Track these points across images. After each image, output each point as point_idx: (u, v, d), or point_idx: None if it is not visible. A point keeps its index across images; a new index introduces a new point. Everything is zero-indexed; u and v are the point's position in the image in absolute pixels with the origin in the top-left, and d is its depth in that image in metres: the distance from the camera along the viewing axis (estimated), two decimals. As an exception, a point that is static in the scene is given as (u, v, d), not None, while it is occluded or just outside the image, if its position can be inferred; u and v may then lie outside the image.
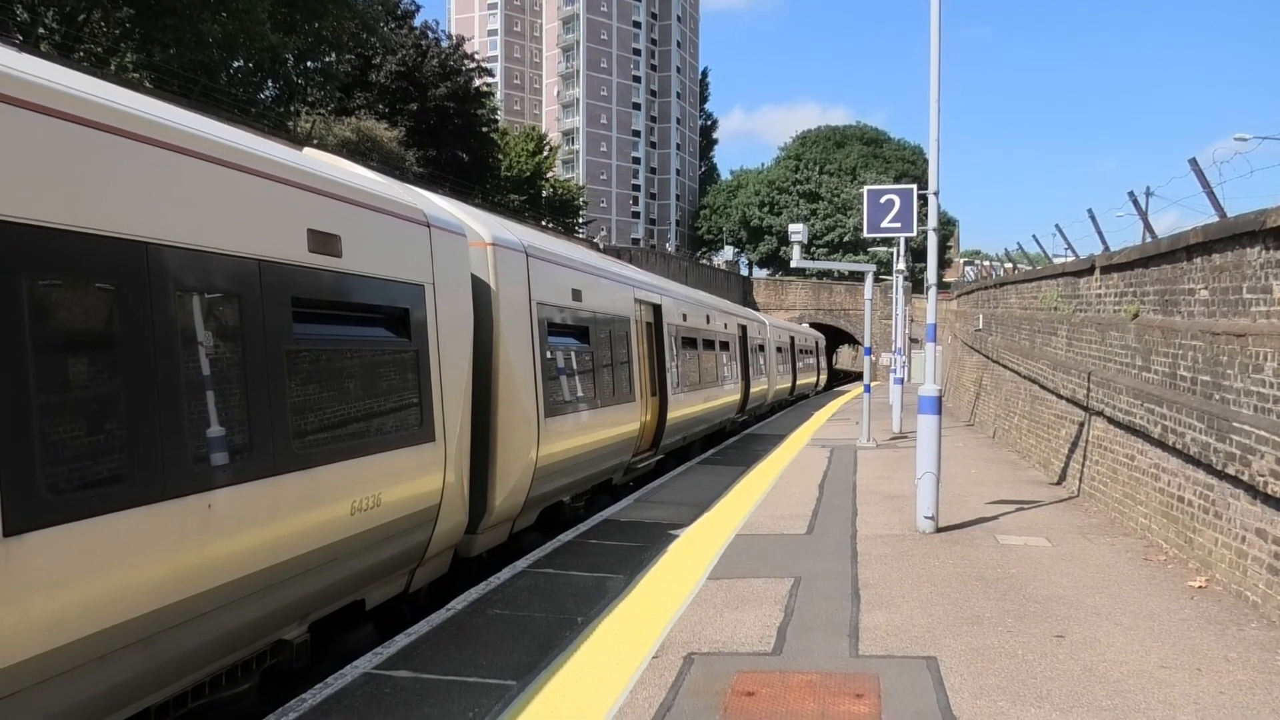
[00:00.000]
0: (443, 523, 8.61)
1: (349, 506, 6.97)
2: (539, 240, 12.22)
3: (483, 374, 9.69)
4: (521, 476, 10.45)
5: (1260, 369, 8.12)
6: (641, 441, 16.37)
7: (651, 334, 17.55)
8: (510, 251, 10.52)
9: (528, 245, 11.10)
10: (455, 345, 8.85)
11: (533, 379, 10.73)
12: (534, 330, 10.90)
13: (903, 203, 13.67)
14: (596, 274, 14.14)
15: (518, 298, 10.58)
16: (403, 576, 8.49)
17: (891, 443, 22.51)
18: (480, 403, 9.61)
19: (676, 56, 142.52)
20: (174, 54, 36.13)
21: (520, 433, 10.35)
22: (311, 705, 6.07)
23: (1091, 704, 6.00)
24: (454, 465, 8.66)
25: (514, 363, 10.22)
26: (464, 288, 9.24)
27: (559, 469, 11.65)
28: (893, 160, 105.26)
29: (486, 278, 9.94)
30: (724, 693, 6.23)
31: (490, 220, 10.94)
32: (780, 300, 79.85)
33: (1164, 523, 10.37)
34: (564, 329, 12.30)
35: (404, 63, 54.05)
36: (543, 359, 11.08)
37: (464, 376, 9.01)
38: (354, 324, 7.41)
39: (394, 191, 8.49)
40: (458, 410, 8.78)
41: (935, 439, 11.31)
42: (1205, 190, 9.96)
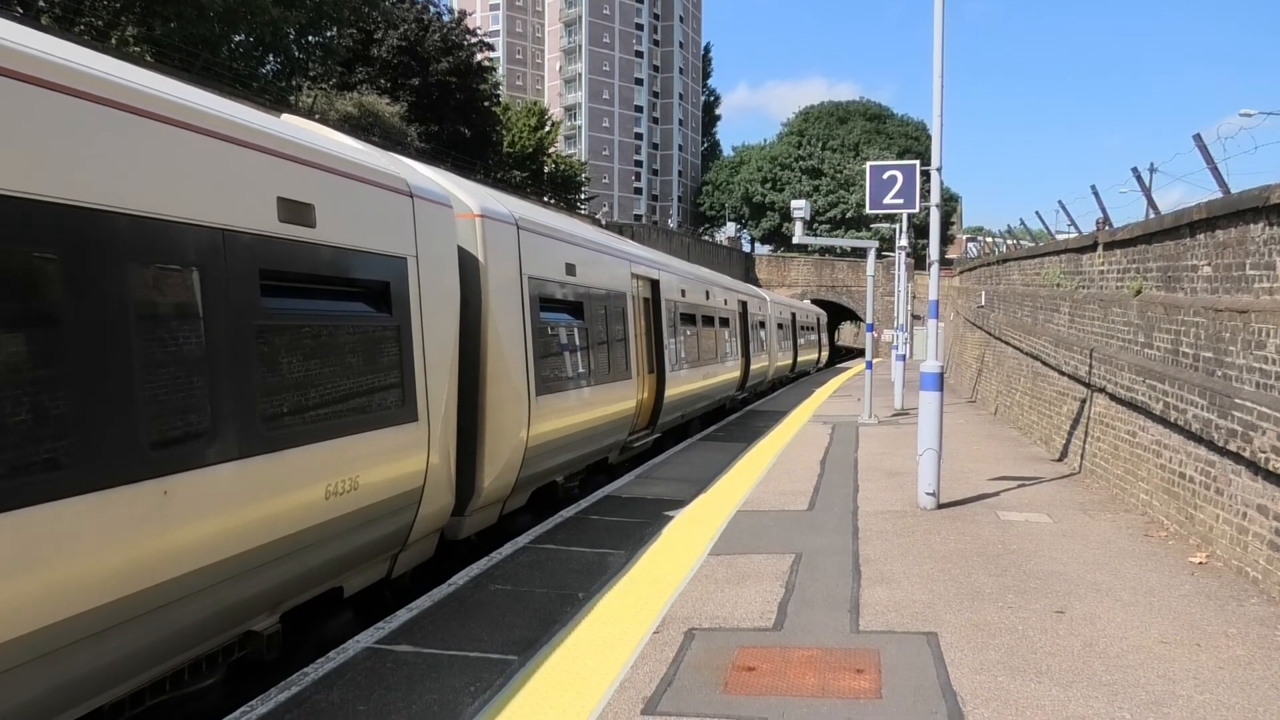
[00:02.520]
0: (426, 505, 8.28)
1: (323, 490, 6.62)
2: (531, 212, 11.79)
3: (470, 351, 9.37)
4: (511, 456, 10.10)
5: (1262, 345, 8.10)
6: (638, 420, 16.05)
7: (649, 310, 17.20)
8: (500, 224, 10.17)
9: (518, 217, 10.75)
10: (440, 321, 8.47)
11: (523, 356, 10.37)
12: (525, 305, 10.54)
13: (905, 179, 13.64)
14: (591, 248, 13.75)
15: (508, 272, 10.23)
16: (384, 562, 8.18)
17: (893, 419, 22.51)
18: (467, 380, 9.31)
19: (679, 32, 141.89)
20: (175, 28, 36.01)
21: (510, 411, 10.01)
22: (314, 679, 6.10)
23: (1091, 679, 6.02)
24: (438, 446, 8.32)
25: (503, 339, 9.87)
26: (450, 261, 8.86)
27: (552, 448, 11.33)
28: (896, 136, 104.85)
29: (474, 250, 9.60)
30: (725, 668, 6.25)
31: (479, 191, 10.57)
32: (782, 277, 79.72)
33: (1165, 499, 10.38)
34: (557, 304, 11.87)
35: (406, 37, 53.84)
36: (534, 335, 10.70)
37: (449, 353, 8.66)
38: (329, 298, 7.03)
39: (375, 160, 8.09)
40: (443, 389, 8.44)
41: (937, 416, 11.31)
42: (1209, 166, 9.91)
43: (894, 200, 13.80)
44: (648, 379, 16.59)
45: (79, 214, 4.76)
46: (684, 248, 66.97)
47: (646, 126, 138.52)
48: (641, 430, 16.60)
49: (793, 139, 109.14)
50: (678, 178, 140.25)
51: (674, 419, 19.22)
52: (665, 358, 17.68)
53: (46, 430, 4.54)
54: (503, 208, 10.50)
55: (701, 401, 22.12)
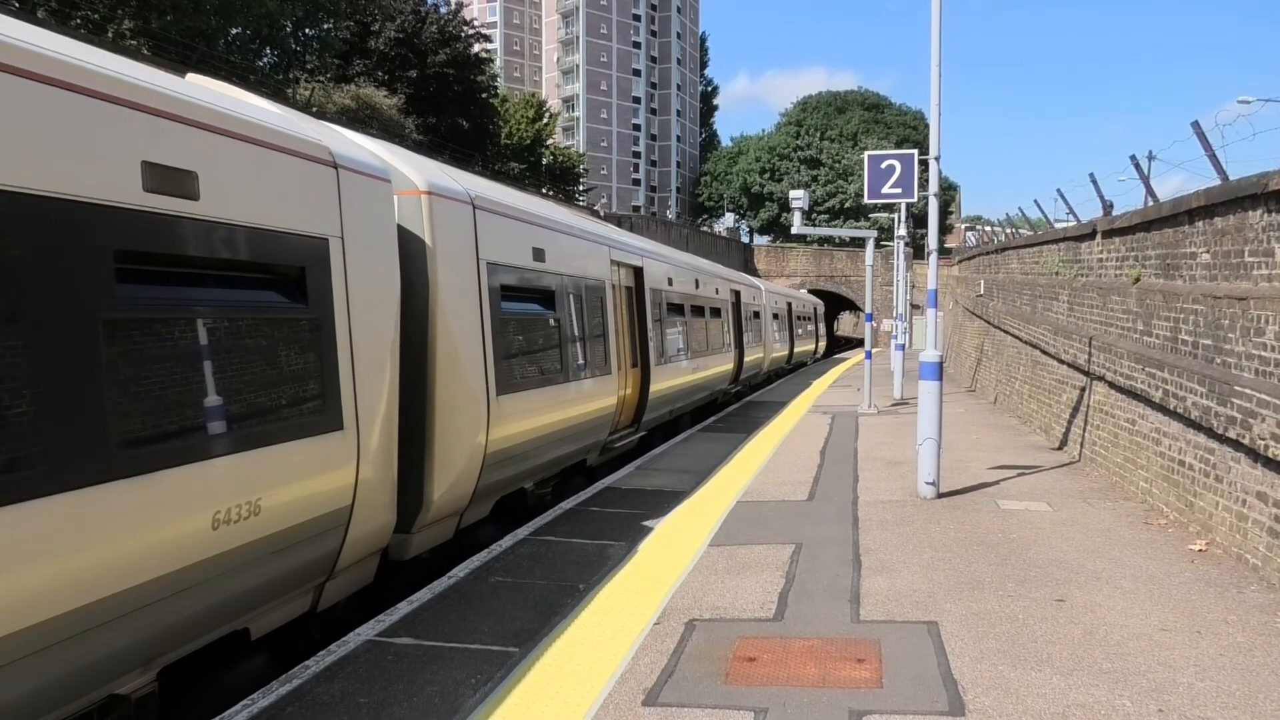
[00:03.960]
0: (358, 526, 7.20)
1: (208, 519, 5.51)
2: (490, 191, 10.68)
3: (415, 347, 8.39)
4: (468, 464, 9.13)
5: (1262, 332, 8.09)
6: (620, 418, 15.06)
7: (632, 299, 16.22)
8: (451, 202, 9.12)
9: (475, 196, 9.67)
10: (374, 313, 7.41)
11: (481, 351, 9.34)
12: (483, 294, 9.49)
13: (904, 168, 13.62)
14: (563, 231, 12.55)
15: (462, 256, 9.21)
16: (306, 593, 7.08)
17: (893, 409, 22.52)
18: (413, 380, 8.34)
19: (677, 22, 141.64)
20: (171, 21, 35.92)
21: (465, 414, 9.01)
22: (315, 672, 6.10)
23: (1092, 667, 6.03)
24: (372, 456, 7.25)
25: (456, 333, 8.86)
26: (387, 243, 7.79)
27: (517, 453, 10.33)
28: (894, 126, 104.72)
29: (420, 232, 8.54)
30: (726, 658, 6.26)
31: (426, 166, 9.49)
32: (781, 267, 79.68)
33: (1165, 487, 10.38)
34: (523, 293, 10.89)
35: (403, 29, 53.73)
36: (494, 328, 9.67)
37: (387, 350, 7.60)
38: (218, 286, 5.87)
39: (290, 124, 6.90)
40: (378, 391, 7.39)
41: (936, 405, 11.31)
42: (1208, 153, 9.90)
43: (892, 190, 13.78)
44: (631, 374, 15.66)
45: None
46: (683, 239, 66.97)
47: (644, 118, 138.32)
48: (624, 429, 15.67)
49: (791, 129, 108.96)
50: (676, 169, 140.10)
51: (661, 415, 18.36)
52: (650, 350, 16.69)
53: None
54: (455, 185, 9.45)
55: (691, 396, 21.19)
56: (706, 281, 23.43)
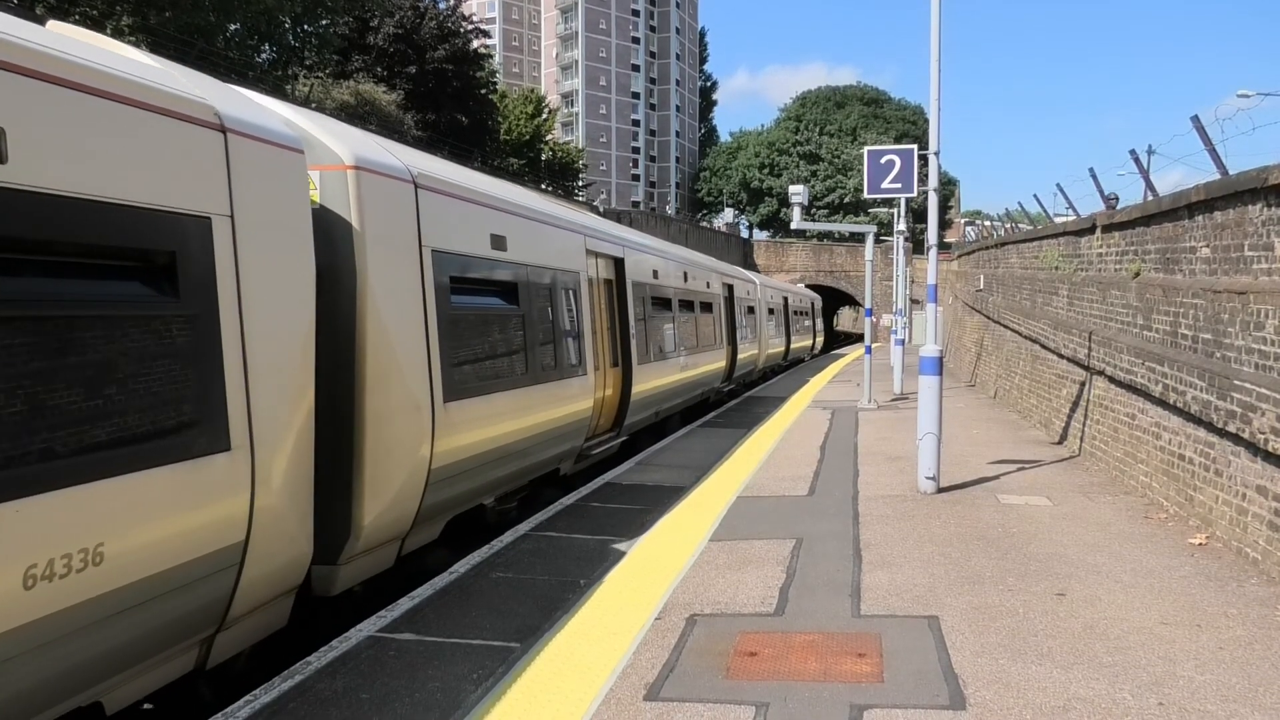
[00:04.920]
0: (257, 564, 6.04)
1: (17, 577, 4.30)
2: (440, 169, 9.54)
3: (341, 348, 7.28)
4: (408, 482, 7.99)
5: (1261, 326, 8.10)
6: (599, 422, 14.01)
7: (612, 293, 15.14)
8: (387, 180, 7.96)
9: (419, 174, 8.53)
10: (278, 308, 6.22)
11: (424, 352, 8.23)
12: (427, 287, 8.37)
13: (903, 163, 13.62)
14: (529, 217, 11.31)
15: (400, 243, 8.09)
16: (188, 650, 5.87)
17: (893, 404, 22.53)
18: (337, 387, 7.21)
19: (676, 17, 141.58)
20: (169, 17, 35.88)
21: (404, 424, 7.90)
22: (317, 668, 6.12)
23: (1092, 661, 6.04)
24: (275, 480, 6.06)
25: (392, 331, 7.74)
26: (298, 225, 6.56)
27: (472, 467, 9.23)
28: (893, 121, 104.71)
29: (346, 214, 7.40)
30: (727, 653, 6.27)
31: (356, 137, 8.34)
32: (781, 262, 79.59)
33: (1165, 481, 10.39)
34: (478, 286, 9.75)
35: (401, 25, 53.62)
36: (442, 326, 8.58)
37: (296, 353, 6.41)
38: (38, 275, 4.69)
39: (162, 77, 5.60)
40: (283, 401, 6.22)
41: (936, 400, 11.32)
42: (1207, 147, 9.90)
43: (892, 185, 13.79)
44: (610, 374, 14.52)
45: None
46: (682, 234, 66.90)
47: (644, 113, 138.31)
48: (603, 434, 14.53)
49: (790, 124, 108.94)
50: (675, 164, 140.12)
51: (645, 418, 17.07)
52: (633, 348, 15.50)
53: None
54: (393, 160, 8.34)
55: (680, 396, 19.98)
56: (696, 274, 22.41)
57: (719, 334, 24.55)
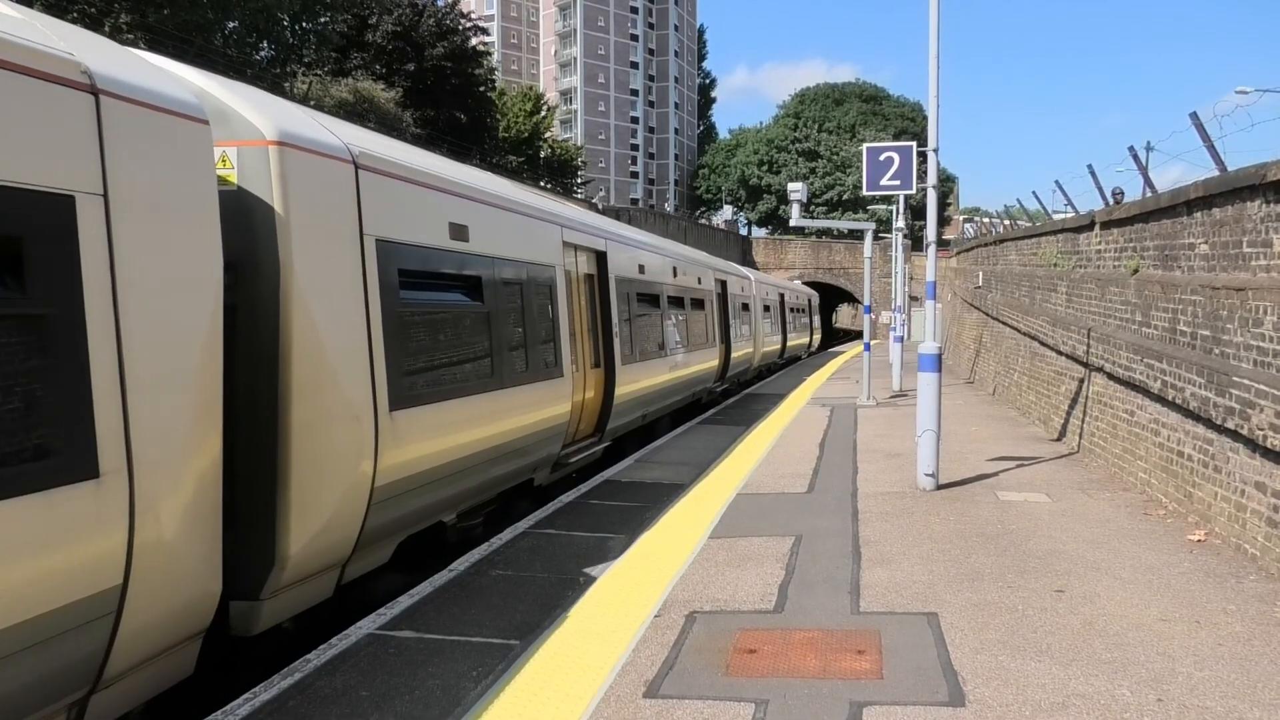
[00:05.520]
0: (141, 611, 5.06)
1: None
2: (388, 149, 8.58)
3: (260, 351, 6.40)
4: (345, 501, 7.10)
5: (1260, 323, 8.11)
6: (578, 426, 13.15)
7: (593, 289, 14.28)
8: (319, 159, 7.02)
9: (360, 153, 7.58)
10: (170, 306, 5.25)
11: (365, 355, 7.34)
12: (370, 282, 7.49)
13: (902, 160, 13.61)
14: (496, 205, 10.36)
15: (335, 231, 7.15)
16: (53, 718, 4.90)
17: (892, 401, 22.54)
18: (255, 396, 6.37)
19: (674, 14, 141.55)
20: (168, 15, 35.87)
21: (339, 436, 7.00)
22: (316, 665, 6.12)
23: (1091, 657, 6.05)
24: (164, 509, 5.12)
25: (324, 331, 6.84)
26: (200, 209, 5.59)
27: (426, 481, 8.36)
28: (892, 117, 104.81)
29: (268, 197, 6.48)
30: (726, 650, 6.28)
31: (282, 108, 7.33)
32: (780, 259, 79.58)
33: (1163, 477, 10.40)
34: (435, 281, 8.86)
35: (400, 22, 53.62)
36: (390, 325, 7.71)
37: (194, 358, 5.45)
38: None
39: (16, 26, 4.63)
40: (176, 414, 5.26)
41: (935, 397, 11.32)
42: (1206, 144, 9.90)
43: (891, 182, 13.78)
44: (591, 375, 13.66)
45: None
46: (680, 231, 66.81)
47: (642, 110, 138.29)
48: (584, 439, 13.60)
49: (789, 121, 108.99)
50: (674, 161, 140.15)
51: (631, 421, 16.15)
52: (616, 348, 14.59)
53: None
54: (329, 137, 7.36)
55: (669, 398, 19.04)
56: (687, 269, 21.49)
57: (711, 332, 23.68)
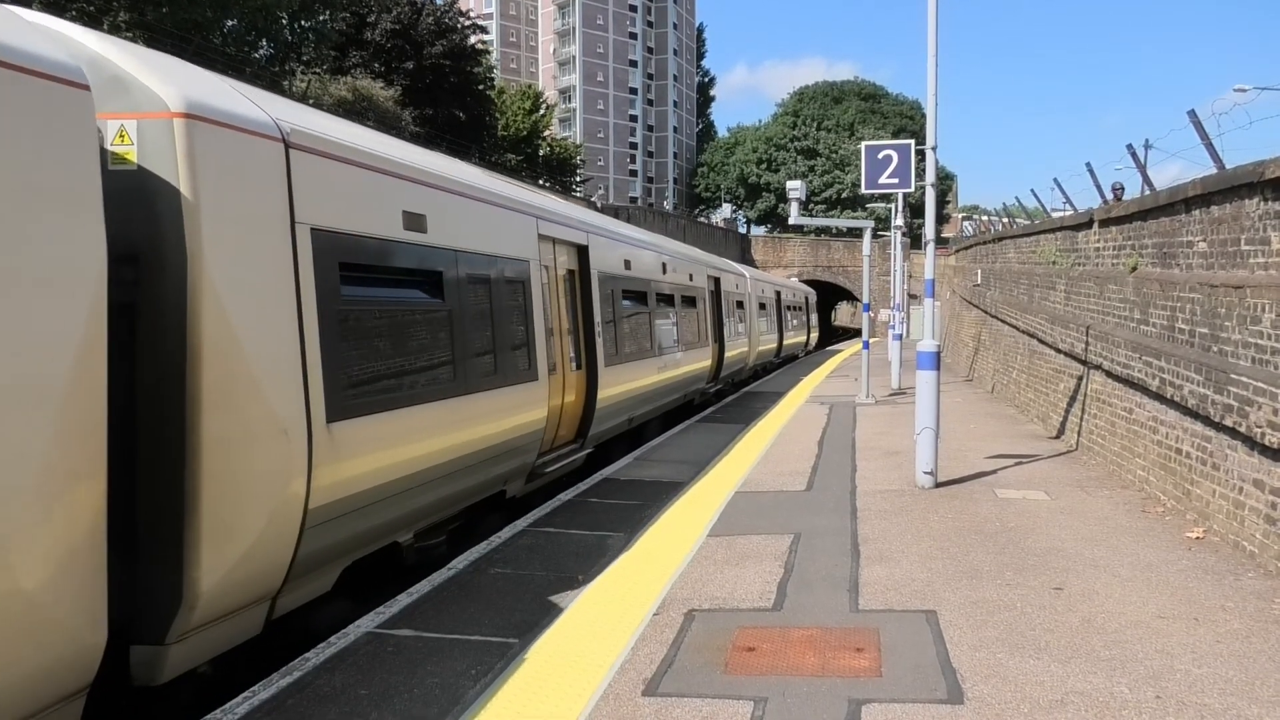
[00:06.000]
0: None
1: None
2: (328, 126, 7.66)
3: (164, 355, 5.55)
4: (272, 526, 6.27)
5: (1258, 320, 8.11)
6: (557, 432, 12.25)
7: (574, 286, 13.41)
8: (239, 135, 6.15)
9: (292, 130, 6.71)
10: (25, 305, 4.46)
11: (297, 361, 6.50)
12: (304, 276, 6.63)
13: (900, 158, 13.63)
14: (460, 193, 9.44)
15: (259, 218, 6.29)
16: None
17: (890, 399, 22.54)
18: (161, 407, 5.55)
19: (673, 12, 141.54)
20: (167, 13, 35.86)
21: (262, 453, 6.17)
22: (315, 664, 6.12)
23: (1090, 654, 6.05)
24: (14, 551, 4.37)
25: (242, 333, 5.98)
26: (73, 190, 4.76)
27: (374, 500, 7.48)
28: (891, 115, 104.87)
29: (173, 178, 5.63)
30: (725, 648, 6.28)
31: (196, 76, 6.44)
32: (779, 257, 79.63)
33: (1162, 475, 10.41)
34: (385, 275, 8.00)
35: (399, 20, 53.64)
36: (328, 326, 6.87)
37: (63, 365, 4.62)
38: None
39: None
40: (33, 434, 4.47)
41: (934, 394, 11.32)
42: (1204, 142, 9.91)
43: (889, 180, 13.81)
44: (571, 377, 12.74)
45: None
46: (680, 229, 66.88)
47: (641, 109, 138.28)
48: (564, 446, 12.76)
49: (787, 119, 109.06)
50: (673, 160, 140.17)
51: (616, 426, 15.25)
52: (599, 348, 13.71)
53: None
54: (253, 110, 6.48)
55: (657, 401, 18.07)
56: (678, 266, 20.50)
57: (704, 331, 22.80)
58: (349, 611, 7.50)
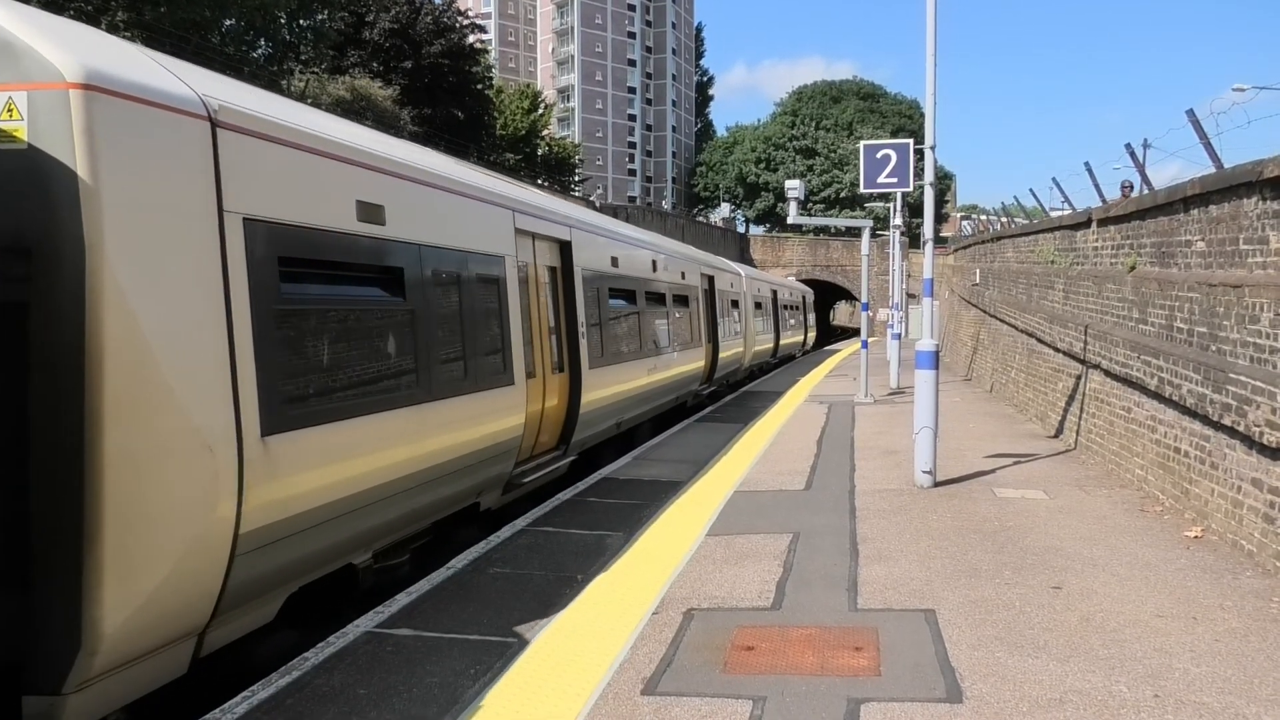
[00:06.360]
0: None
1: None
2: (265, 105, 6.76)
3: (58, 360, 4.88)
4: (194, 554, 5.51)
5: (1257, 320, 8.11)
6: (537, 439, 11.50)
7: (556, 284, 12.63)
8: (152, 111, 5.38)
9: (220, 108, 5.91)
10: None
11: (225, 367, 5.73)
12: (234, 272, 5.88)
13: (899, 158, 13.64)
14: (422, 183, 8.64)
15: (176, 206, 5.51)
16: None
17: (889, 398, 22.55)
18: (58, 419, 4.88)
19: (672, 12, 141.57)
20: (165, 12, 35.86)
21: (180, 471, 5.40)
22: (314, 664, 6.11)
23: (1088, 653, 6.06)
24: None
25: (154, 336, 5.24)
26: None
27: (322, 519, 6.72)
28: (889, 115, 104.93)
29: (68, 158, 4.91)
30: (724, 648, 6.28)
31: (97, 41, 5.69)
32: (777, 257, 79.68)
33: (1160, 474, 10.41)
34: (335, 272, 7.18)
35: (397, 20, 53.68)
36: (264, 328, 6.10)
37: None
38: None
39: None
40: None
41: (933, 394, 11.33)
42: (1202, 141, 9.91)
43: (888, 179, 13.81)
44: (552, 381, 11.96)
45: None
46: (678, 229, 66.90)
47: (640, 108, 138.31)
48: (544, 454, 12.01)
49: (786, 119, 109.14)
50: (671, 159, 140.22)
51: (603, 431, 14.52)
52: (582, 349, 12.93)
53: None
54: (174, 84, 5.71)
55: (647, 404, 17.27)
56: (669, 264, 19.71)
57: (697, 331, 22.04)
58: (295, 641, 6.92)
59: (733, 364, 27.35)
